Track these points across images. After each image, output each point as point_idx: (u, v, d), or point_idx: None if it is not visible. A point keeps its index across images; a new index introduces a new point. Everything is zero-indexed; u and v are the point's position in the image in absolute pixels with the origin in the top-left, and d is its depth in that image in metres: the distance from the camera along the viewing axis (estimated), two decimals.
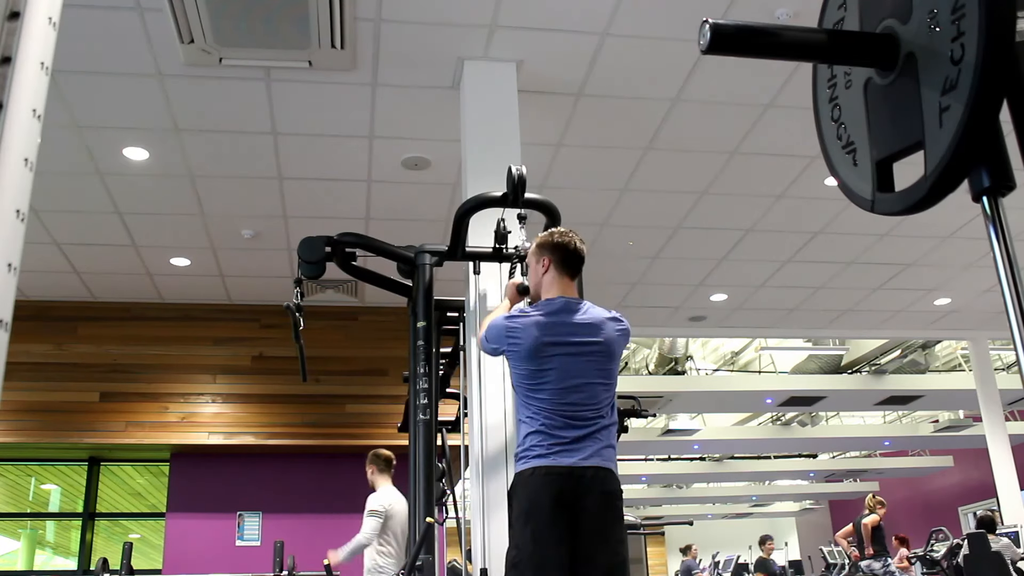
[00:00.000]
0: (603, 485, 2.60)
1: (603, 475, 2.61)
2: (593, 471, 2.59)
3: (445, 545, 6.72)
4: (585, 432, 2.64)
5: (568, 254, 2.87)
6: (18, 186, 1.07)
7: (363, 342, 7.11)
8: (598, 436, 2.65)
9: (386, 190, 5.46)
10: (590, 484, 2.57)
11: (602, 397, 2.72)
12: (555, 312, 2.77)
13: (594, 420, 2.67)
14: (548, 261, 2.87)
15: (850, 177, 1.42)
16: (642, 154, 5.18)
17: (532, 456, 2.62)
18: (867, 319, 8.25)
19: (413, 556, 3.03)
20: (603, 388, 2.74)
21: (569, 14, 3.99)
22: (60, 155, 4.91)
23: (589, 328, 2.77)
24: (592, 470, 2.59)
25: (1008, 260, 1.14)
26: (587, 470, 2.58)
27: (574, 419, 2.65)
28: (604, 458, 2.64)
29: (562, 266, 2.86)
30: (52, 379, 6.70)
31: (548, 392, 2.67)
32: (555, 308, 2.79)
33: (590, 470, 2.58)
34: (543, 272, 2.88)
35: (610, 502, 2.61)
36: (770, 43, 1.39)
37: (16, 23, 1.12)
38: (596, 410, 2.68)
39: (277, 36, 3.91)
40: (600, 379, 2.74)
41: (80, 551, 7.08)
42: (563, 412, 2.65)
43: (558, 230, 2.92)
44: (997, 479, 8.59)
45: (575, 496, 2.55)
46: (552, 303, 2.81)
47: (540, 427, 2.64)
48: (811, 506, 22.60)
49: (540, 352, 2.70)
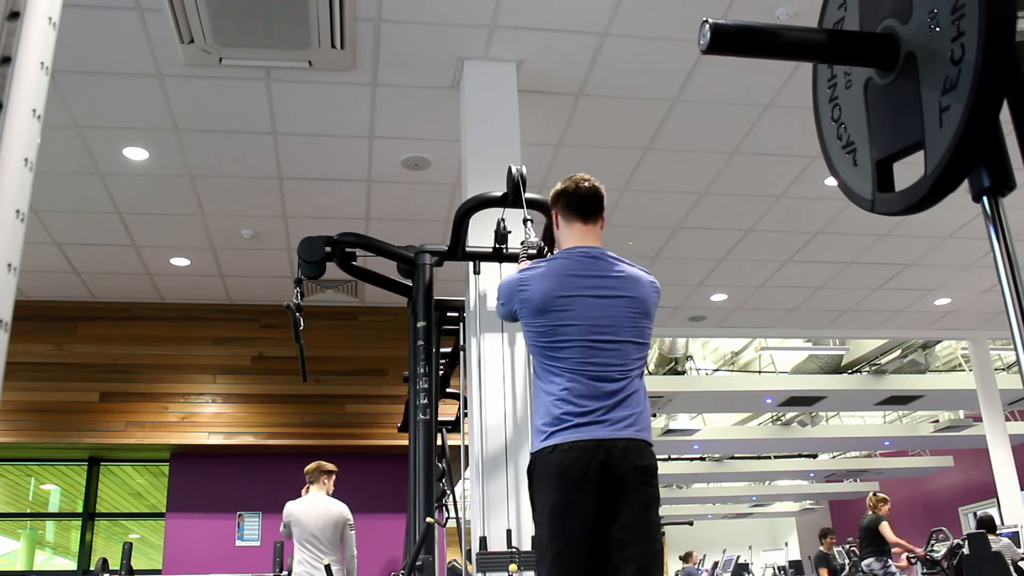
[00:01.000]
0: (636, 459, 2.26)
1: (636, 448, 2.28)
2: (625, 443, 2.26)
3: (445, 545, 6.73)
4: (614, 400, 2.30)
5: (572, 196, 2.56)
6: (18, 186, 1.07)
7: (363, 342, 7.11)
8: (629, 402, 2.32)
9: (386, 190, 5.46)
10: (620, 459, 2.24)
11: (633, 357, 2.39)
12: (571, 260, 2.47)
13: (625, 384, 2.33)
14: (556, 213, 2.60)
15: (850, 177, 1.42)
16: (642, 154, 5.18)
17: (553, 429, 2.29)
18: (867, 319, 8.25)
19: (413, 556, 3.03)
20: (635, 348, 2.40)
21: (569, 14, 3.99)
22: (60, 155, 4.91)
23: (618, 280, 2.44)
24: (624, 442, 2.26)
25: (1008, 260, 1.14)
26: (618, 442, 2.25)
27: (601, 381, 2.31)
28: (638, 427, 2.31)
29: (569, 210, 2.56)
30: (52, 379, 6.70)
31: (570, 350, 2.35)
32: (572, 256, 2.48)
33: (621, 442, 2.25)
34: (557, 228, 2.61)
35: (645, 480, 2.27)
36: (770, 43, 1.39)
37: (16, 23, 1.12)
38: (626, 372, 2.35)
39: (277, 36, 3.91)
40: (632, 337, 2.40)
41: (80, 551, 7.08)
42: (588, 374, 2.32)
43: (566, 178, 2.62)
44: (997, 479, 8.59)
45: (604, 475, 2.22)
46: (570, 252, 2.50)
47: (562, 393, 2.31)
48: (811, 506, 22.60)
49: (552, 304, 2.39)
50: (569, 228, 2.56)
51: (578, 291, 2.40)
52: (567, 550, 2.20)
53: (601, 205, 2.58)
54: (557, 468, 2.24)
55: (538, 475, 2.31)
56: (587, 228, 2.54)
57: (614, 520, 2.22)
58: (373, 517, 6.81)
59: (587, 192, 2.55)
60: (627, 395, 2.32)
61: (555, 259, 2.51)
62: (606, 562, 2.21)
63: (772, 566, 17.06)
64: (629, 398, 2.32)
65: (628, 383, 2.34)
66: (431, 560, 3.02)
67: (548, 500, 2.25)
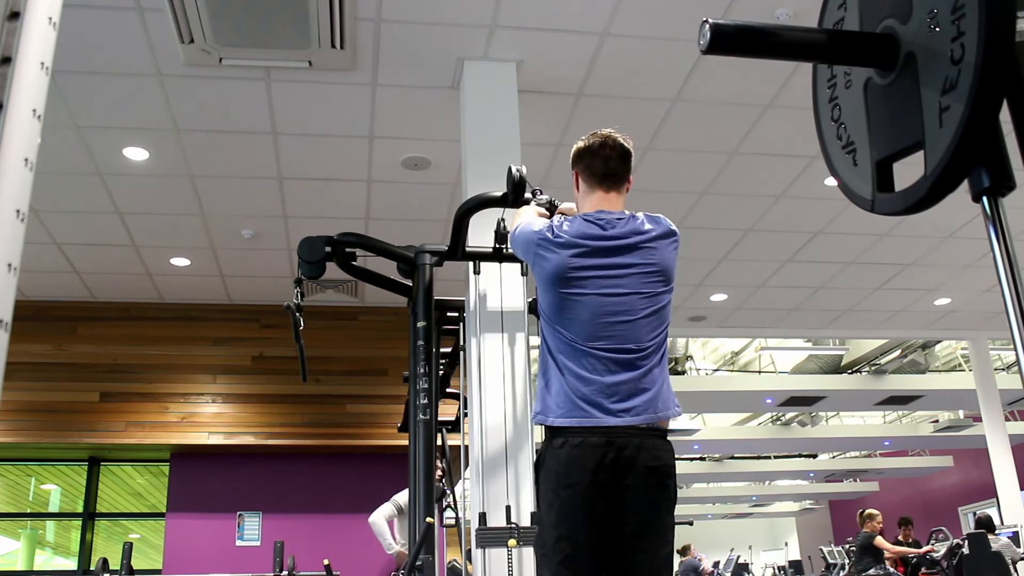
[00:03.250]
0: (651, 457, 2.13)
1: (652, 442, 2.15)
2: (639, 439, 2.12)
3: (445, 545, 6.73)
4: (629, 382, 2.16)
5: (594, 159, 2.36)
6: (18, 186, 1.07)
7: (363, 342, 7.11)
8: (646, 380, 2.18)
9: (386, 190, 5.46)
10: (633, 460, 2.10)
11: (649, 336, 2.23)
12: (588, 228, 2.29)
13: (640, 361, 2.19)
14: (576, 174, 2.43)
15: (850, 177, 1.42)
16: (642, 154, 5.17)
17: (562, 411, 2.16)
18: (867, 319, 8.25)
19: (413, 556, 3.03)
20: (651, 323, 2.24)
21: (569, 14, 3.99)
22: (60, 155, 4.90)
23: (635, 253, 2.27)
24: (638, 437, 2.12)
25: (1008, 260, 1.14)
26: (632, 437, 2.12)
27: (616, 353, 2.18)
28: (656, 411, 2.17)
29: (591, 176, 2.37)
30: (52, 379, 6.70)
31: (581, 327, 2.21)
32: (589, 225, 2.30)
33: (635, 437, 2.12)
34: (577, 189, 2.44)
35: (659, 479, 2.15)
36: (770, 43, 1.39)
37: (16, 23, 1.12)
38: (642, 349, 2.20)
39: (277, 36, 3.91)
40: (648, 312, 2.23)
41: (80, 551, 7.08)
42: (600, 354, 2.18)
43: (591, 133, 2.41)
44: (997, 479, 8.59)
45: (616, 475, 2.10)
46: (585, 218, 2.32)
47: (572, 372, 2.17)
48: (811, 506, 22.61)
49: (565, 276, 2.25)
50: (590, 193, 2.40)
51: (592, 264, 2.25)
52: (576, 552, 2.10)
53: (627, 169, 2.39)
54: (567, 466, 2.11)
55: (546, 472, 2.18)
56: (608, 196, 2.37)
57: (624, 523, 2.11)
58: None
59: (611, 155, 2.35)
60: (643, 374, 2.18)
61: (573, 226, 2.31)
62: (615, 565, 2.12)
63: (772, 566, 17.08)
64: (645, 377, 2.18)
65: (644, 360, 2.19)
66: (431, 560, 3.02)
67: (557, 499, 2.13)
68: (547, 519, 2.17)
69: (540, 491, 2.22)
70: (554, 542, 2.12)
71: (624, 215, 2.34)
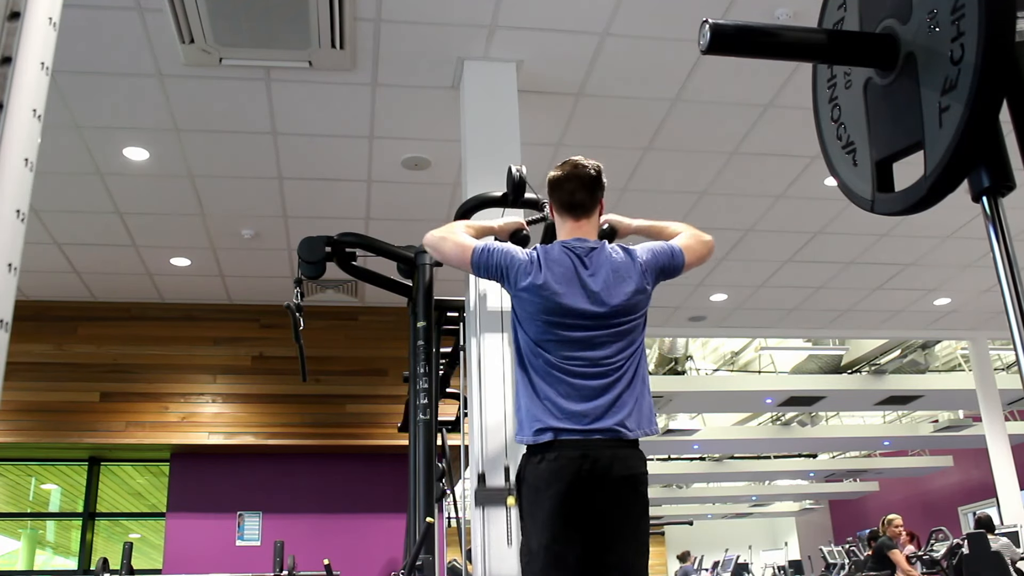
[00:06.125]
0: (624, 467, 2.25)
1: (623, 458, 2.26)
2: (611, 451, 2.24)
3: (445, 545, 6.73)
4: (601, 401, 2.28)
5: (561, 190, 2.47)
6: (18, 186, 1.07)
7: (363, 342, 7.11)
8: (619, 400, 2.29)
9: (386, 190, 5.46)
10: (609, 466, 2.23)
11: (622, 353, 2.35)
12: (560, 255, 2.40)
13: (613, 381, 2.31)
14: (550, 205, 2.55)
15: (850, 177, 1.43)
16: (642, 154, 5.18)
17: (540, 427, 2.28)
18: (867, 319, 8.25)
19: (413, 556, 3.03)
20: (623, 342, 2.36)
21: (569, 14, 3.99)
22: (60, 155, 4.90)
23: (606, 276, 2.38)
24: (611, 449, 2.24)
25: (1008, 260, 1.14)
26: (605, 449, 2.24)
27: (587, 379, 2.30)
28: (628, 428, 2.28)
29: (559, 206, 2.50)
30: (52, 379, 6.69)
31: (554, 346, 2.34)
32: (561, 251, 2.41)
33: (607, 452, 2.24)
34: (551, 215, 2.55)
35: (632, 488, 2.27)
36: (770, 43, 1.39)
37: (16, 23, 1.12)
38: (615, 368, 2.33)
39: (277, 36, 3.91)
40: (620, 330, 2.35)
41: (80, 551, 7.08)
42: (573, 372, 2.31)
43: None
44: (997, 479, 8.59)
45: (591, 483, 2.22)
46: (557, 247, 2.42)
47: (545, 393, 2.30)
48: (811, 506, 22.61)
49: (538, 297, 2.36)
50: (561, 222, 2.53)
51: (564, 287, 2.35)
52: (558, 559, 2.22)
53: (593, 199, 2.50)
54: (546, 478, 2.24)
55: (527, 486, 2.31)
56: (578, 225, 2.49)
57: (603, 529, 2.24)
58: (373, 517, 6.82)
59: (575, 188, 2.47)
60: (617, 392, 2.29)
61: (547, 252, 2.43)
62: (595, 570, 2.25)
63: (772, 566, 17.08)
64: (620, 396, 2.29)
65: (617, 378, 2.31)
66: (431, 560, 3.02)
67: (539, 510, 2.26)
68: (530, 528, 2.30)
69: (522, 503, 2.34)
70: (537, 549, 2.25)
71: (595, 251, 2.44)
